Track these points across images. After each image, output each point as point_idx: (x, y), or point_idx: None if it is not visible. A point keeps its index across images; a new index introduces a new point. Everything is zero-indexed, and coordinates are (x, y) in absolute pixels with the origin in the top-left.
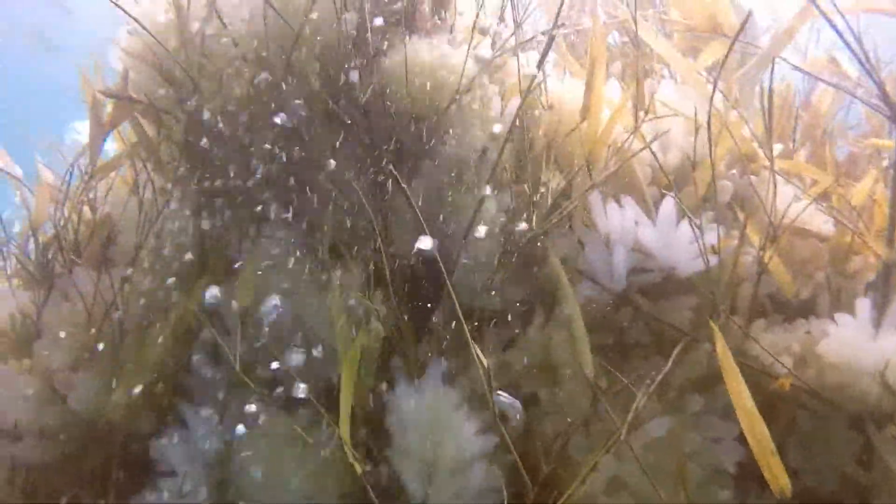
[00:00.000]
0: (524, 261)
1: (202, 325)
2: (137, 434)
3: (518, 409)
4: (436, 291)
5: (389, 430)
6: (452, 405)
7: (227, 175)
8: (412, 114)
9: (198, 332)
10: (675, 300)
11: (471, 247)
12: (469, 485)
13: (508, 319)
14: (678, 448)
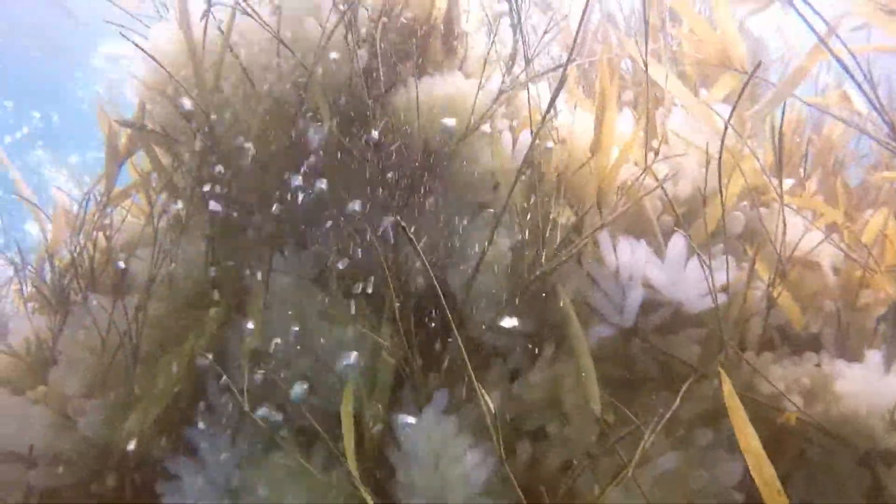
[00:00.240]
0: (533, 294)
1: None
2: (149, 459)
3: None
4: (444, 325)
5: (393, 462)
6: (452, 434)
7: (240, 207)
8: (424, 148)
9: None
10: (684, 333)
11: (480, 281)
12: None
13: (517, 352)
14: (685, 483)
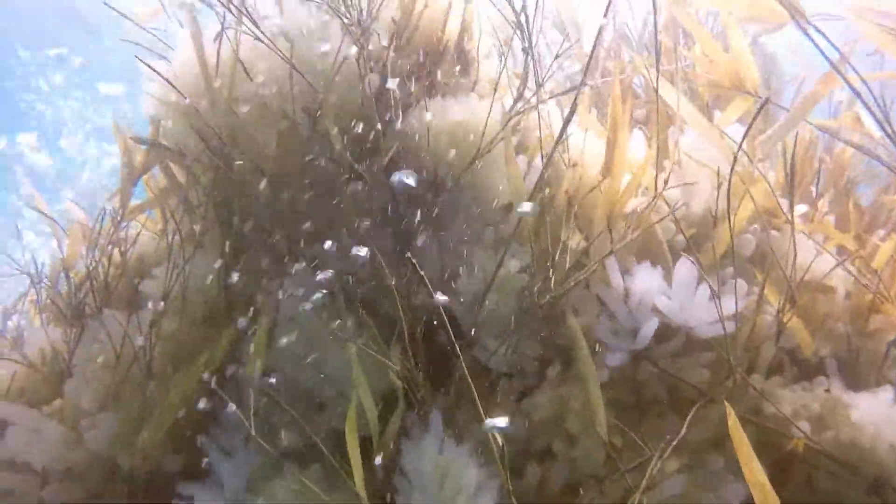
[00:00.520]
0: (542, 317)
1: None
2: (161, 473)
3: None
4: (452, 348)
5: (398, 484)
6: (454, 456)
7: (253, 227)
8: (435, 172)
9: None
10: (692, 357)
11: (489, 304)
12: None
13: (525, 374)
14: None
